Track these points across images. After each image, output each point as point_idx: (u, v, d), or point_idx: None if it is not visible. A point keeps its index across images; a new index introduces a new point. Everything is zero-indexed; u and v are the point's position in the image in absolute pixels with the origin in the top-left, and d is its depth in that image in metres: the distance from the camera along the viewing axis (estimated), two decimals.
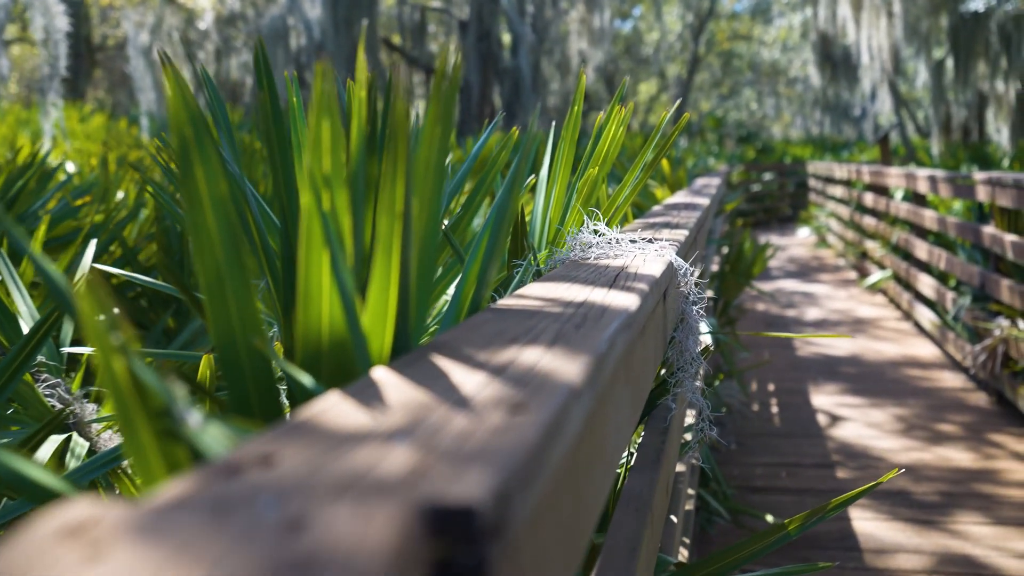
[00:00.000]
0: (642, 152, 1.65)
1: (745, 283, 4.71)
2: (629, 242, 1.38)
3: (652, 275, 1.14)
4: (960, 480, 3.85)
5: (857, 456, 4.20)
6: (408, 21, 18.56)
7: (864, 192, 9.48)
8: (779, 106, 36.97)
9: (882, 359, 6.07)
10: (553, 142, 1.82)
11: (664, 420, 1.43)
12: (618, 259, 1.29)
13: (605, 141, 1.56)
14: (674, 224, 1.98)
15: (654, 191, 3.92)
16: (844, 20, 17.24)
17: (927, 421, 4.67)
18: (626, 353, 0.81)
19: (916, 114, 26.28)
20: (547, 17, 17.10)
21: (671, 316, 1.35)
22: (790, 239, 14.20)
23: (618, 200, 1.66)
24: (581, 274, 1.15)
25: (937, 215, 6.16)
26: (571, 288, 1.02)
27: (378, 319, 0.67)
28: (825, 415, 4.83)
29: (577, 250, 1.34)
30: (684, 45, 32.38)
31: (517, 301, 0.93)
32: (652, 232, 1.79)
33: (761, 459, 4.19)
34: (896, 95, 17.94)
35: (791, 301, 8.53)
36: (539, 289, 1.02)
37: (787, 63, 34.08)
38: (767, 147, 21.89)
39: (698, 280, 1.35)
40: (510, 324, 0.79)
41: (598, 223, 1.36)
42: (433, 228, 0.74)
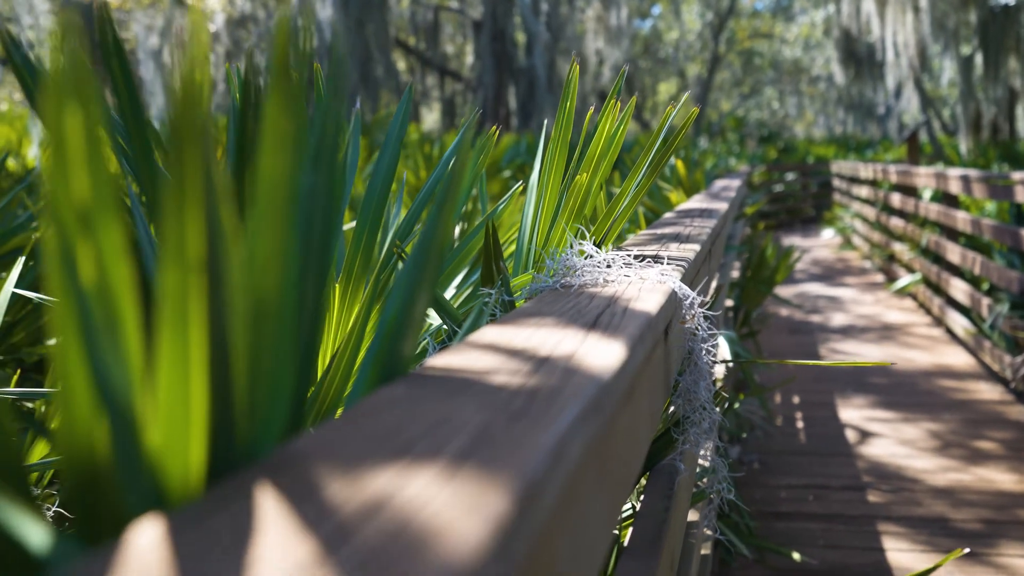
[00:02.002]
0: (643, 155, 1.39)
1: (768, 291, 4.43)
2: (623, 265, 1.13)
3: (646, 312, 0.88)
4: (1004, 505, 3.56)
5: (890, 477, 3.91)
6: (421, 21, 18.32)
7: (891, 192, 9.15)
8: (801, 105, 36.50)
9: (913, 368, 5.76)
10: (543, 145, 1.57)
11: (670, 480, 1.17)
12: (608, 287, 1.04)
13: (598, 142, 1.31)
14: (685, 236, 1.72)
15: (669, 195, 3.66)
16: (868, 16, 16.84)
17: (964, 438, 4.37)
18: (589, 453, 0.56)
19: (942, 112, 25.81)
20: (562, 15, 16.80)
21: (675, 356, 1.10)
22: (814, 241, 13.86)
23: (615, 211, 1.40)
24: (555, 311, 0.89)
25: (971, 217, 5.85)
26: (536, 334, 0.77)
27: (174, 430, 0.42)
28: (854, 431, 4.54)
29: (560, 276, 1.09)
30: (704, 44, 32.01)
31: (455, 358, 0.68)
32: (658, 246, 1.53)
33: (786, 480, 3.91)
34: (922, 92, 17.53)
35: (816, 306, 8.22)
36: (494, 335, 0.77)
37: (809, 61, 33.62)
38: (789, 147, 21.50)
39: (708, 313, 1.09)
40: (419, 411, 0.54)
41: (584, 242, 1.11)
42: (286, 276, 0.49)
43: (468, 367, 0.65)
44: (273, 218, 0.46)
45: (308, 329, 0.60)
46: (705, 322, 1.09)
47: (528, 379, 0.62)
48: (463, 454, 0.46)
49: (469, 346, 0.74)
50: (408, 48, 19.40)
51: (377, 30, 14.21)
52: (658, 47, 32.58)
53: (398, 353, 0.67)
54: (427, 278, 0.67)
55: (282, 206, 0.46)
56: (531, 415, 0.53)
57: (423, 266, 0.66)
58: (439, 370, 0.65)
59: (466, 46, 22.50)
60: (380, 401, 0.56)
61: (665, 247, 1.52)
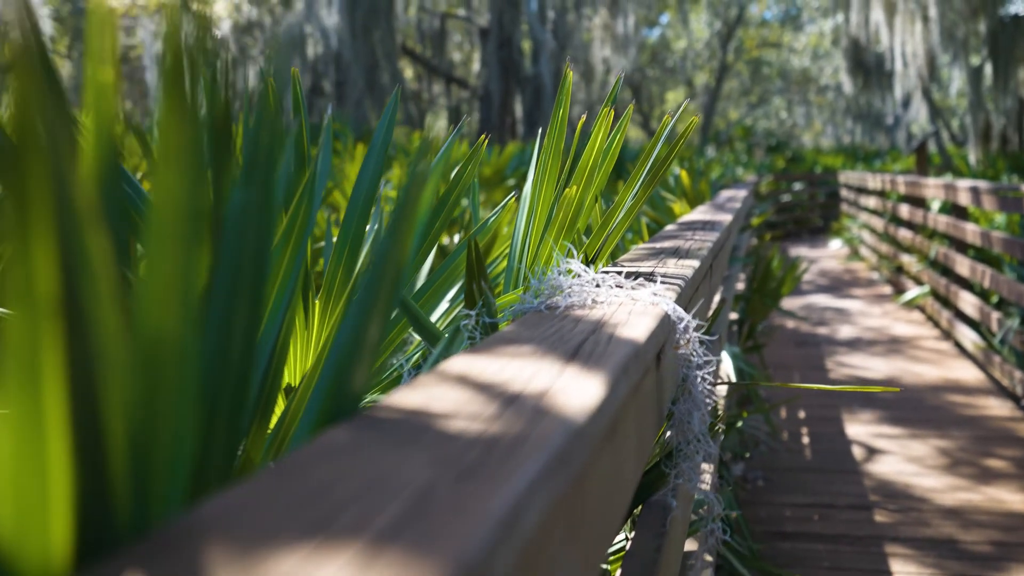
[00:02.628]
0: (638, 166, 1.32)
1: (773, 305, 4.34)
2: (614, 286, 1.05)
3: (633, 340, 0.81)
4: (1015, 527, 3.47)
5: (897, 496, 3.82)
6: (428, 29, 18.26)
7: (899, 203, 9.06)
8: (809, 115, 36.40)
9: (921, 383, 5.67)
10: (536, 155, 1.49)
11: (662, 516, 1.09)
12: (596, 310, 0.96)
13: (590, 152, 1.23)
14: (684, 251, 1.64)
15: (672, 206, 3.58)
16: (877, 25, 16.75)
17: (974, 455, 4.28)
18: (555, 512, 0.49)
19: (950, 122, 25.69)
20: (569, 24, 16.71)
21: (668, 383, 1.02)
22: (821, 251, 13.76)
23: (609, 225, 1.33)
24: (535, 336, 0.82)
25: (980, 229, 5.76)
26: (509, 365, 0.70)
27: (27, 507, 0.34)
28: (861, 447, 4.45)
29: (547, 296, 1.02)
30: (712, 53, 31.95)
31: (414, 396, 0.61)
32: (655, 262, 1.45)
33: (791, 498, 3.82)
34: (931, 103, 17.42)
35: (823, 318, 8.13)
36: (463, 366, 0.70)
37: (818, 71, 33.54)
38: (797, 156, 21.40)
39: (704, 337, 1.02)
40: (357, 466, 0.47)
41: (571, 260, 1.03)
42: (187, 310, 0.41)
43: (425, 408, 0.58)
44: (169, 242, 0.39)
45: (238, 367, 0.53)
46: (701, 347, 1.01)
47: (491, 424, 0.55)
48: (394, 528, 0.39)
49: (435, 378, 0.66)
50: (415, 56, 19.35)
51: (383, 37, 14.15)
52: (666, 56, 32.53)
53: (346, 389, 0.60)
54: (381, 302, 0.60)
55: (179, 227, 0.39)
56: (485, 472, 0.46)
57: (376, 289, 0.59)
58: (394, 411, 0.58)
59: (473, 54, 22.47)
60: (315, 452, 0.49)
61: (662, 263, 1.45)
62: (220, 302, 0.51)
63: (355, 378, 0.59)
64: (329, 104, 10.95)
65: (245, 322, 0.52)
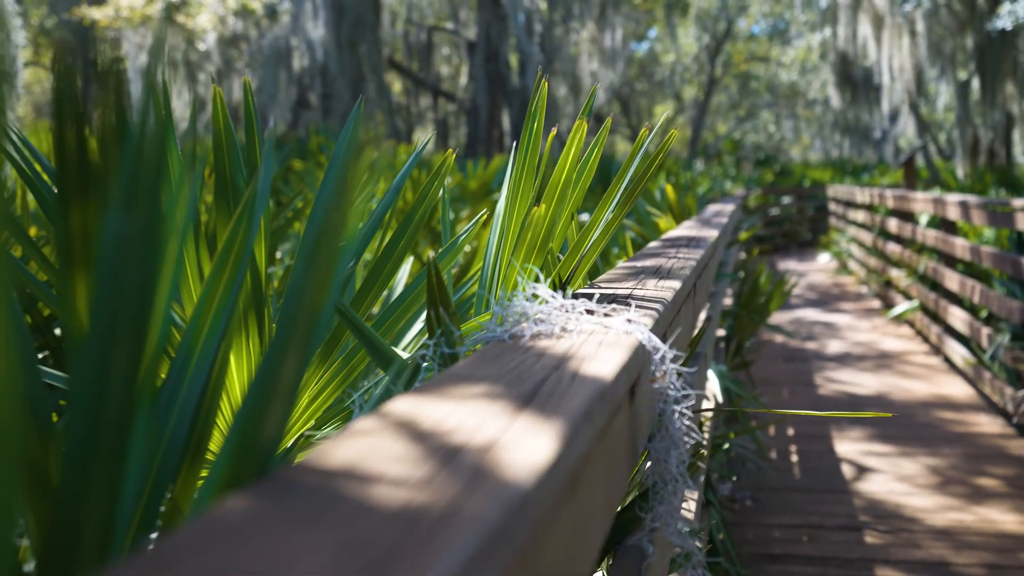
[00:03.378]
0: (615, 182, 1.24)
1: (761, 321, 4.27)
2: (585, 311, 0.97)
3: (599, 379, 0.72)
4: (1007, 548, 3.39)
5: (887, 516, 3.74)
6: (415, 42, 18.18)
7: (888, 217, 9.03)
8: (798, 128, 36.50)
9: (911, 399, 5.60)
10: (511, 170, 1.41)
11: (637, 564, 1.01)
12: (563, 340, 0.88)
13: (563, 167, 1.15)
14: (666, 271, 1.56)
15: (658, 221, 3.51)
16: (865, 40, 16.77)
17: (965, 474, 4.21)
18: None
19: (937, 136, 25.77)
20: (557, 37, 16.65)
21: (643, 419, 0.94)
22: (809, 265, 13.73)
23: (584, 245, 1.25)
24: (492, 373, 0.74)
25: (970, 244, 5.71)
26: (456, 411, 0.62)
27: None
28: (850, 465, 4.38)
29: (513, 324, 0.94)
30: (701, 67, 32.02)
31: (341, 450, 0.53)
32: (634, 283, 1.38)
33: (779, 519, 3.74)
34: (918, 117, 17.44)
35: (811, 332, 8.07)
36: (405, 410, 0.62)
37: (806, 85, 33.65)
38: (785, 170, 21.41)
39: (683, 369, 0.94)
40: (240, 557, 0.38)
41: (538, 285, 0.95)
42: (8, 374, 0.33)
43: (348, 467, 0.50)
44: None
45: (114, 428, 0.45)
46: (679, 379, 0.93)
47: (420, 490, 0.46)
48: None
49: (371, 425, 0.58)
50: (402, 69, 19.27)
51: (370, 50, 14.06)
52: (654, 70, 32.59)
53: (253, 444, 0.51)
54: (295, 344, 0.51)
55: None
56: (397, 564, 0.38)
57: (289, 329, 0.51)
58: (310, 471, 0.49)
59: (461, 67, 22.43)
60: (197, 533, 0.40)
61: (642, 284, 1.37)
62: (95, 344, 0.43)
63: (263, 432, 0.51)
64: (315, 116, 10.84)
65: (125, 366, 0.44)
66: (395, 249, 1.30)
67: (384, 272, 1.30)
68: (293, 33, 14.65)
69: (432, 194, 1.34)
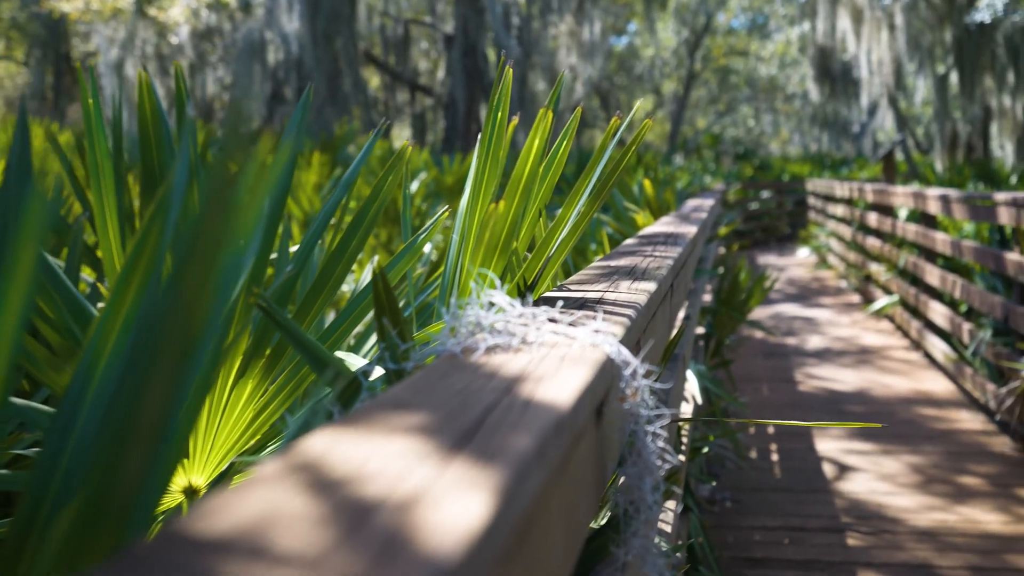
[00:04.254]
0: (583, 177, 1.14)
1: (741, 318, 4.19)
2: (547, 321, 0.87)
3: (557, 406, 0.62)
4: (992, 550, 3.33)
5: (870, 517, 3.67)
6: (392, 35, 17.97)
7: (867, 211, 8.99)
8: (777, 123, 36.56)
9: (892, 395, 5.55)
10: (474, 165, 1.31)
11: None
12: (520, 355, 0.78)
13: (525, 161, 1.05)
14: (641, 271, 1.47)
15: (635, 217, 3.41)
16: (844, 33, 16.75)
17: (947, 472, 4.14)
18: None
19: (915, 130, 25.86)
20: (535, 30, 16.50)
21: (612, 440, 0.84)
22: (789, 259, 13.71)
23: (550, 245, 1.15)
24: (431, 400, 0.64)
25: (951, 238, 5.65)
26: (381, 451, 0.52)
27: None
28: (832, 464, 4.31)
29: (464, 336, 0.83)
30: (680, 61, 32.00)
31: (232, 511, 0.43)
32: (606, 285, 1.28)
33: (760, 521, 3.67)
34: (897, 111, 17.45)
35: (791, 328, 8.02)
36: (321, 449, 0.52)
37: (785, 79, 33.69)
38: (765, 164, 21.40)
39: (657, 386, 0.84)
40: None
41: (494, 292, 0.85)
42: None
43: (235, 533, 0.40)
44: None
45: None
46: (652, 397, 0.84)
47: (316, 571, 0.36)
48: None
49: (275, 472, 0.48)
50: (378, 63, 19.04)
51: (346, 44, 13.86)
52: (634, 64, 32.53)
53: (104, 501, 0.41)
54: (162, 375, 0.41)
55: None
56: None
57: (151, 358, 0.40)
58: (181, 543, 0.39)
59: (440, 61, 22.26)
60: None
61: (614, 286, 1.27)
62: None
63: (119, 484, 0.41)
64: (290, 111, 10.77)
65: None
66: (346, 250, 1.19)
67: (335, 275, 1.20)
68: (268, 26, 14.42)
69: (388, 188, 1.23)
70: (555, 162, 1.39)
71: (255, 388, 1.26)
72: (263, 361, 1.24)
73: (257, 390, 1.26)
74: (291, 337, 0.93)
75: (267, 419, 1.30)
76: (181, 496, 1.29)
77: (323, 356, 0.98)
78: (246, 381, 1.24)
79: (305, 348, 0.95)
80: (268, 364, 1.24)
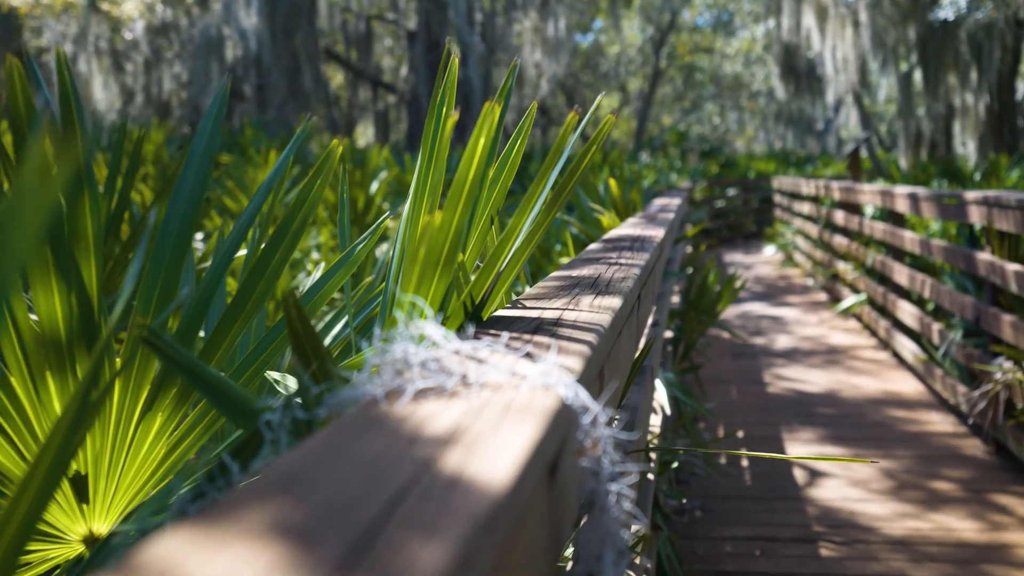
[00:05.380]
0: (537, 180, 0.99)
1: (710, 322, 4.07)
2: (492, 354, 0.73)
3: (491, 490, 0.49)
4: (967, 560, 3.23)
5: (843, 526, 3.57)
6: (354, 32, 17.68)
7: (834, 209, 8.94)
8: (742, 120, 36.69)
9: (861, 396, 5.47)
10: (417, 170, 1.17)
11: None
12: (454, 405, 0.64)
13: (469, 163, 0.91)
14: (605, 283, 1.33)
15: (601, 218, 3.28)
16: (809, 30, 16.75)
17: (920, 477, 4.06)
18: None
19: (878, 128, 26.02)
20: (499, 26, 16.31)
21: (568, 501, 0.70)
22: (755, 257, 13.68)
23: (500, 260, 1.00)
24: (328, 480, 0.49)
25: (920, 237, 5.58)
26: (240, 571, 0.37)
27: None
28: (803, 470, 4.21)
29: (389, 376, 0.69)
30: (645, 59, 31.99)
31: None
32: (566, 300, 1.14)
33: (731, 531, 3.55)
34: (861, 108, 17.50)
35: (759, 327, 7.94)
36: (162, 563, 0.37)
37: (750, 76, 33.80)
38: (730, 162, 21.40)
39: (623, 436, 0.70)
40: None
41: (425, 323, 0.70)
42: None
43: None
44: None
45: None
46: (616, 451, 0.69)
47: None
48: None
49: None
50: (340, 59, 18.72)
51: (305, 40, 13.58)
52: (599, 61, 32.47)
53: None
54: None
55: None
56: None
57: None
58: None
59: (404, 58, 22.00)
60: None
61: (575, 302, 1.13)
62: None
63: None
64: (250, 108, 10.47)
65: None
66: (267, 264, 1.04)
67: (255, 293, 1.05)
68: (225, 22, 14.08)
69: (316, 193, 1.08)
70: (508, 163, 1.24)
71: (165, 422, 1.10)
72: (175, 392, 1.08)
73: (168, 424, 1.10)
74: (183, 371, 0.77)
75: (181, 456, 1.15)
76: (81, 546, 1.13)
77: (228, 393, 0.82)
78: (154, 415, 1.08)
79: (204, 383, 0.80)
80: (180, 395, 1.08)
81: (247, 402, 0.80)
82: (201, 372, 0.82)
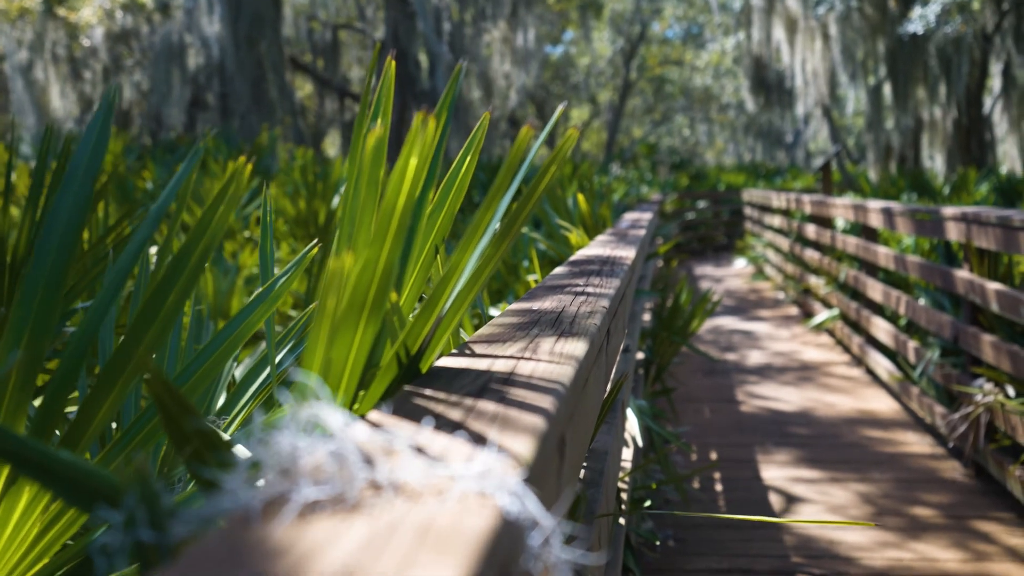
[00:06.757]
0: (485, 205, 0.82)
1: (683, 342, 3.91)
2: (410, 447, 0.55)
3: None
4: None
5: (821, 556, 3.42)
6: (320, 41, 17.45)
7: (805, 223, 8.85)
8: (712, 132, 36.83)
9: (836, 415, 5.34)
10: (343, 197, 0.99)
11: None
12: (350, 529, 0.46)
13: (398, 186, 0.73)
14: (569, 320, 1.16)
15: (569, 236, 3.11)
16: (778, 43, 16.77)
17: (899, 503, 3.92)
18: None
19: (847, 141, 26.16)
20: (467, 36, 16.15)
21: None
22: (726, 270, 13.60)
23: (443, 301, 0.83)
24: None
25: (894, 253, 5.48)
26: None
27: None
28: (778, 495, 4.06)
29: (273, 478, 0.51)
30: (616, 71, 32.01)
31: None
32: (521, 347, 0.96)
33: (704, 562, 3.39)
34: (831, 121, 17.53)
35: (730, 342, 7.81)
36: None
37: (720, 89, 33.92)
38: (701, 174, 21.40)
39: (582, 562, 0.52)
40: None
41: (321, 405, 0.53)
42: None
43: None
44: None
45: None
46: None
47: None
48: None
49: None
50: (307, 69, 18.46)
51: (270, 48, 13.33)
52: (569, 73, 32.45)
53: None
54: None
55: None
56: None
57: None
58: None
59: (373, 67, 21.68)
60: None
61: (533, 346, 0.97)
62: None
63: None
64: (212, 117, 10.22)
65: None
66: (159, 309, 0.85)
67: (144, 342, 0.86)
68: (187, 29, 13.79)
69: (220, 219, 0.90)
70: (456, 184, 1.07)
71: (36, 495, 0.91)
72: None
73: (40, 497, 0.92)
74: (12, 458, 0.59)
75: (61, 532, 0.96)
76: None
77: (83, 481, 0.64)
78: (19, 487, 0.90)
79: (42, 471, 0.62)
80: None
81: (94, 500, 0.61)
82: (49, 459, 0.63)
